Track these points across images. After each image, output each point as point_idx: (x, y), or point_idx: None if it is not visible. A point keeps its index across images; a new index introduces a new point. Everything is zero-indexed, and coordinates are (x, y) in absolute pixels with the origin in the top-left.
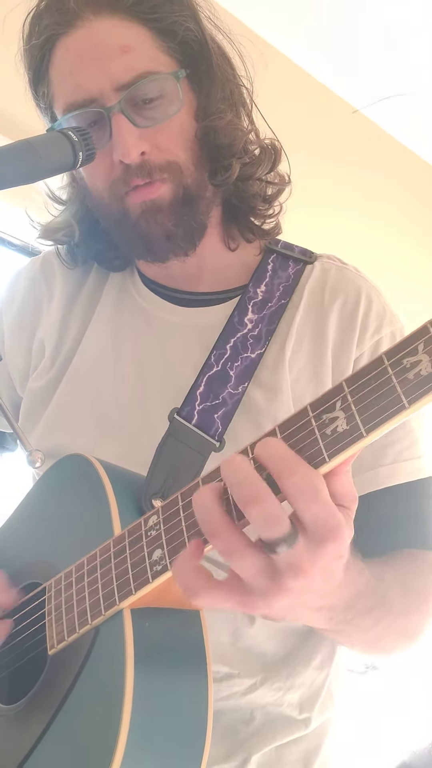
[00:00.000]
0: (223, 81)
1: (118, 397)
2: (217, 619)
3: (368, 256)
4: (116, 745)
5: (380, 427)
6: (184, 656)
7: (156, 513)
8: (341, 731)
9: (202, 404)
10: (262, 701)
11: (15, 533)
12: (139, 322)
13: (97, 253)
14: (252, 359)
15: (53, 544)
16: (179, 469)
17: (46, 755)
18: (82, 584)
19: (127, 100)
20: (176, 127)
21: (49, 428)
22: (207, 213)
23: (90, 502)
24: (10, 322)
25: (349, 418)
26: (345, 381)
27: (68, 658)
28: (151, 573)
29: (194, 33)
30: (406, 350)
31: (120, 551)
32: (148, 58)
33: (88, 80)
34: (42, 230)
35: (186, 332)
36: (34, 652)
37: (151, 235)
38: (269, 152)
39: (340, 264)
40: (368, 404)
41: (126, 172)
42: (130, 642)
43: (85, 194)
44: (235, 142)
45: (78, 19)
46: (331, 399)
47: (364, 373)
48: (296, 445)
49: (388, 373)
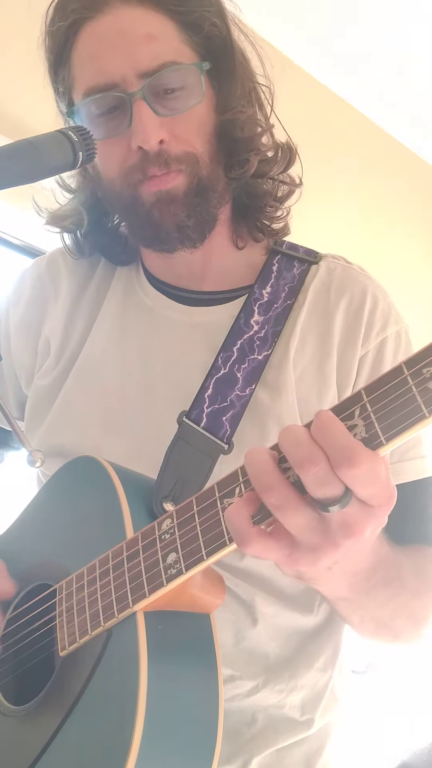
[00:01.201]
0: (243, 79)
1: (123, 396)
2: (220, 620)
3: (369, 257)
4: (130, 747)
5: (400, 436)
6: (196, 659)
7: (170, 517)
8: (344, 733)
9: (210, 407)
10: (264, 703)
11: (24, 534)
12: (144, 320)
13: (103, 245)
14: (259, 361)
15: (64, 545)
16: (189, 472)
17: (57, 756)
18: (94, 587)
19: (149, 87)
20: (196, 118)
21: (54, 427)
22: (219, 206)
23: (101, 505)
24: (17, 322)
25: (368, 426)
26: (364, 389)
27: (80, 660)
28: (165, 576)
29: (219, 29)
30: (426, 360)
31: (134, 554)
32: (172, 49)
33: (112, 65)
34: (50, 216)
35: (191, 331)
36: (44, 654)
37: (163, 224)
38: (285, 152)
39: (345, 263)
40: (387, 413)
41: (143, 160)
42: (144, 644)
43: (96, 182)
44: (254, 137)
45: (106, 5)
46: (350, 407)
47: (383, 382)
48: None
49: (408, 383)
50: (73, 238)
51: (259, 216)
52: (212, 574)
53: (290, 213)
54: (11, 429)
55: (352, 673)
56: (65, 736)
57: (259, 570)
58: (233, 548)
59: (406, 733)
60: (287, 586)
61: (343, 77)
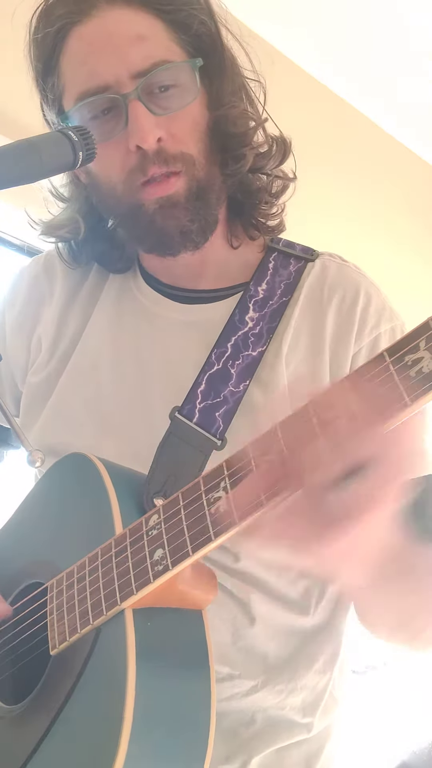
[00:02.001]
0: (234, 75)
1: (118, 394)
2: (218, 619)
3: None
4: (118, 746)
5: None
6: (186, 656)
7: (157, 512)
8: (344, 735)
9: (203, 402)
10: (263, 704)
11: (16, 533)
12: (139, 319)
13: (101, 253)
14: (253, 357)
15: (55, 543)
16: (181, 468)
17: (48, 756)
18: (83, 584)
19: (143, 87)
20: (190, 117)
21: (48, 425)
22: (218, 206)
23: (92, 501)
24: (13, 320)
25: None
26: (347, 378)
27: (70, 659)
28: (152, 573)
29: (207, 26)
30: (407, 347)
31: (121, 551)
32: (163, 48)
33: (104, 67)
34: (44, 227)
35: (187, 329)
36: (36, 653)
37: (166, 230)
38: (280, 145)
39: (340, 261)
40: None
41: (143, 160)
42: (132, 642)
43: (93, 189)
44: (248, 132)
45: (93, 9)
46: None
47: (365, 370)
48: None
49: (390, 371)
50: (69, 247)
51: (254, 213)
52: (203, 569)
53: (285, 209)
54: (11, 429)
55: (352, 673)
56: (54, 737)
57: (253, 571)
58: (219, 543)
59: (406, 733)
60: (283, 587)
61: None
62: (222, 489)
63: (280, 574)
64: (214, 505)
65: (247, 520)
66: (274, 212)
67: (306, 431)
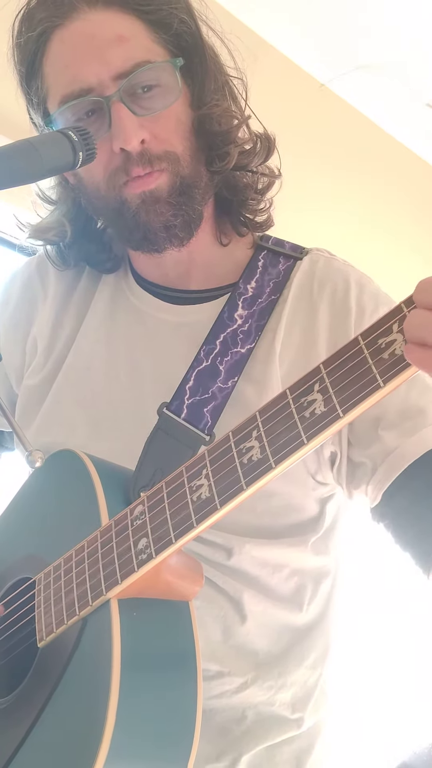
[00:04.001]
0: (216, 73)
1: (111, 394)
2: (209, 616)
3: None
4: (102, 735)
5: (356, 408)
6: (172, 646)
7: (142, 503)
8: (335, 731)
9: (191, 398)
10: (253, 700)
11: (5, 531)
12: (131, 320)
13: (88, 254)
14: (242, 354)
15: (43, 539)
16: (168, 463)
17: (34, 748)
18: (70, 575)
19: (125, 88)
20: (173, 117)
21: (43, 426)
22: (203, 203)
23: (79, 496)
24: (6, 322)
25: (326, 400)
26: (322, 363)
27: (57, 650)
28: (136, 562)
29: (187, 25)
30: (380, 330)
31: (106, 541)
32: (144, 48)
33: (86, 70)
34: (32, 230)
35: (178, 330)
36: (24, 646)
37: (150, 225)
38: (264, 142)
39: (328, 255)
40: (345, 386)
41: (126, 161)
42: (117, 632)
43: (79, 190)
44: (232, 129)
45: (73, 11)
46: (308, 382)
47: (339, 354)
48: (276, 428)
49: (363, 353)
50: (57, 249)
51: (242, 210)
52: (189, 560)
53: (273, 205)
54: (12, 429)
55: (352, 673)
56: (41, 729)
57: (246, 569)
58: (201, 530)
59: (406, 733)
60: (275, 584)
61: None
62: (204, 477)
63: (274, 571)
64: (196, 492)
65: (228, 505)
66: (261, 208)
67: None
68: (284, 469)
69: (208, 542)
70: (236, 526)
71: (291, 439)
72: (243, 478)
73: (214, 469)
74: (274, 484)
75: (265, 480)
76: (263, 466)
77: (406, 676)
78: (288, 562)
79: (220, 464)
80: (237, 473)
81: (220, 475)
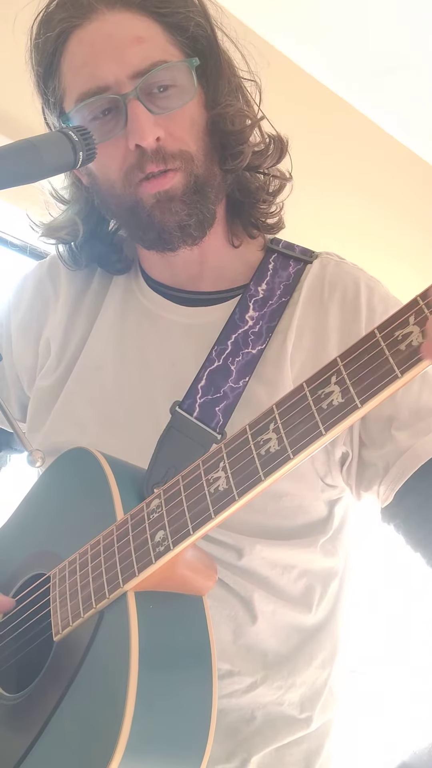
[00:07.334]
0: (229, 75)
1: (122, 393)
2: (220, 616)
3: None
4: (119, 734)
5: (374, 398)
6: (188, 638)
7: (158, 496)
8: (343, 733)
9: (203, 397)
10: (262, 700)
11: (18, 528)
12: (143, 321)
13: (100, 255)
14: (253, 355)
15: (57, 535)
16: (181, 460)
17: (50, 742)
18: (85, 569)
19: (142, 87)
20: (188, 116)
21: (55, 426)
22: (217, 202)
23: (93, 493)
24: (18, 324)
25: (344, 391)
26: (339, 356)
27: (73, 644)
28: (154, 554)
29: (203, 28)
30: (397, 322)
31: (122, 535)
32: (161, 49)
33: (103, 69)
34: (45, 228)
35: (189, 331)
36: (40, 640)
37: (165, 224)
38: (277, 143)
39: (338, 259)
40: (362, 377)
41: (141, 158)
42: (135, 624)
43: (93, 189)
44: (245, 129)
45: (92, 12)
46: (325, 374)
47: (356, 347)
48: (294, 420)
49: (380, 345)
50: (69, 249)
51: (254, 212)
52: (203, 555)
53: (284, 208)
54: (12, 429)
55: (352, 673)
56: (57, 722)
57: (256, 569)
58: (219, 521)
59: (406, 733)
60: (285, 585)
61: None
62: (221, 469)
63: (283, 572)
64: (213, 485)
65: (246, 496)
66: (272, 211)
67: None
68: (302, 459)
69: (219, 542)
70: (247, 527)
71: (309, 430)
72: (261, 469)
73: (231, 461)
74: (285, 485)
75: (283, 470)
76: (281, 457)
77: (407, 677)
78: (297, 563)
79: (237, 457)
80: (255, 464)
81: (237, 467)
